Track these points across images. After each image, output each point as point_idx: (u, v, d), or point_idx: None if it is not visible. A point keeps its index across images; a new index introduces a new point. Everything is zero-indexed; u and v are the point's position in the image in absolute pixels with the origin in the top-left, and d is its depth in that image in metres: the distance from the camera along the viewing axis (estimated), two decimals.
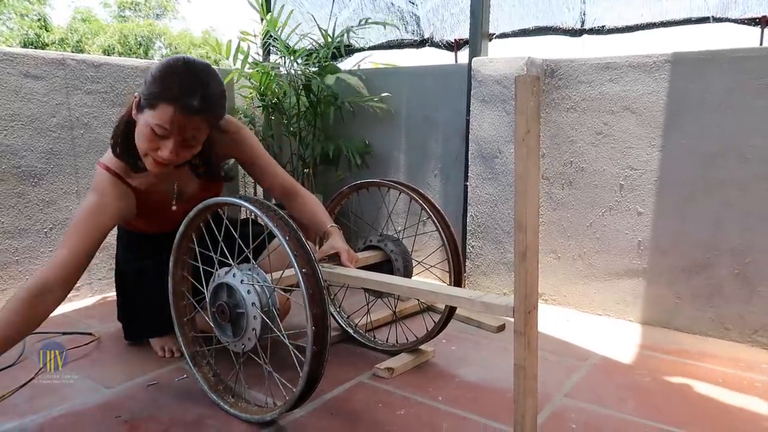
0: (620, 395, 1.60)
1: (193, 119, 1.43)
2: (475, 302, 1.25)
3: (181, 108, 1.41)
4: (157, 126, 1.42)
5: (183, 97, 1.41)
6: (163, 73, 1.43)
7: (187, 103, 1.41)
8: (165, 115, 1.41)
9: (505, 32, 2.59)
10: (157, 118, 1.42)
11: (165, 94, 1.41)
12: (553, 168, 2.32)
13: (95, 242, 1.52)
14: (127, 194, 1.62)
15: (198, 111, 1.43)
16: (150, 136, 1.45)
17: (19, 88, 2.16)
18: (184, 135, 1.45)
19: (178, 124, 1.42)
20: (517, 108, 1.06)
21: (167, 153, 1.46)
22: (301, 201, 1.79)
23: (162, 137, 1.44)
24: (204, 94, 1.43)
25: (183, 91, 1.41)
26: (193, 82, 1.43)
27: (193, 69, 1.45)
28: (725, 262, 1.99)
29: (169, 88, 1.41)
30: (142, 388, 1.62)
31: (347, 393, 1.61)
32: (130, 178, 1.61)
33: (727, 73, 1.94)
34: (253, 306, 1.32)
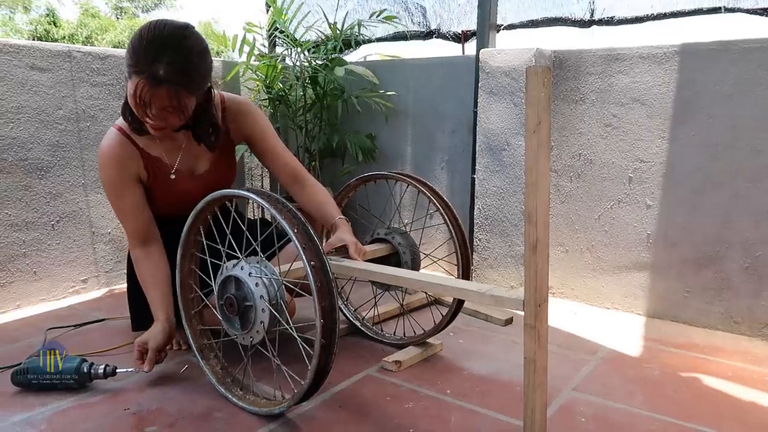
0: (629, 389, 1.60)
1: (161, 89, 1.40)
2: (484, 295, 1.24)
3: (147, 79, 1.38)
4: (132, 97, 1.43)
5: (148, 67, 1.38)
6: (133, 42, 1.42)
7: (152, 73, 1.38)
8: (136, 87, 1.40)
9: (513, 23, 2.57)
10: (131, 89, 1.42)
11: (133, 65, 1.40)
12: (561, 160, 2.30)
13: (139, 212, 1.65)
14: (134, 155, 1.63)
15: (164, 81, 1.39)
16: (135, 106, 1.46)
17: (26, 81, 2.16)
18: (159, 105, 1.43)
19: (149, 95, 1.40)
20: (528, 100, 1.05)
21: (156, 124, 1.48)
22: (310, 190, 1.78)
23: (144, 106, 1.44)
24: (170, 61, 1.38)
25: (148, 61, 1.37)
26: (159, 50, 1.38)
27: (161, 35, 1.40)
28: (735, 255, 1.98)
29: (136, 59, 1.39)
30: (150, 381, 1.62)
31: (355, 386, 1.60)
32: (139, 139, 1.64)
33: (738, 63, 1.91)
34: (261, 299, 1.32)
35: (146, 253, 1.66)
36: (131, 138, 1.63)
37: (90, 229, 2.40)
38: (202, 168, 1.74)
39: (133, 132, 1.62)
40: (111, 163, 1.62)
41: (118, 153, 1.62)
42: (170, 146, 1.69)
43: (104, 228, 2.45)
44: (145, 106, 1.44)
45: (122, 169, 1.62)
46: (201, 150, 1.72)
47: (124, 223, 1.67)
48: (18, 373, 1.53)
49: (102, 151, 1.63)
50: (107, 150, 1.62)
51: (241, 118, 1.74)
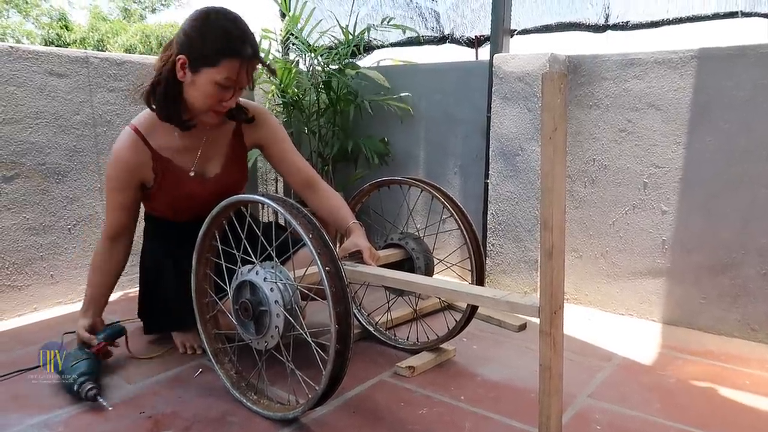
0: (645, 396, 1.58)
1: (252, 64, 1.56)
2: (499, 302, 1.24)
3: (243, 59, 1.51)
4: (225, 80, 1.52)
5: (241, 48, 1.51)
6: (212, 31, 1.51)
7: (246, 53, 1.52)
8: (232, 68, 1.51)
9: (526, 28, 2.57)
10: (224, 72, 1.51)
11: (225, 50, 1.50)
12: (575, 166, 2.29)
13: (126, 212, 1.71)
14: (145, 159, 1.66)
15: (254, 56, 1.55)
16: (215, 91, 1.54)
17: (44, 86, 2.19)
18: (245, 82, 1.57)
19: (243, 73, 1.53)
20: (544, 105, 1.05)
21: (232, 101, 1.58)
22: (323, 195, 1.80)
23: (227, 88, 1.54)
24: (252, 39, 1.55)
25: (239, 44, 1.51)
26: (242, 31, 1.53)
27: (234, 19, 1.54)
28: (752, 262, 1.96)
29: (226, 44, 1.50)
30: (165, 384, 1.63)
31: (369, 391, 1.60)
32: (153, 139, 1.67)
33: (755, 68, 1.90)
34: (276, 304, 1.32)
35: (110, 247, 1.73)
36: (146, 140, 1.66)
37: None
38: (212, 171, 1.75)
39: (146, 131, 1.65)
40: (120, 165, 1.66)
41: (129, 158, 1.65)
42: (186, 146, 1.70)
43: None
44: (233, 87, 1.55)
45: (129, 174, 1.67)
46: (213, 152, 1.74)
47: (107, 213, 1.72)
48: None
49: (115, 152, 1.66)
50: (120, 152, 1.65)
51: (257, 127, 1.78)
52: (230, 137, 1.77)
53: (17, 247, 2.17)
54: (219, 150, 1.75)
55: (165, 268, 1.83)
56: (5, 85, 2.09)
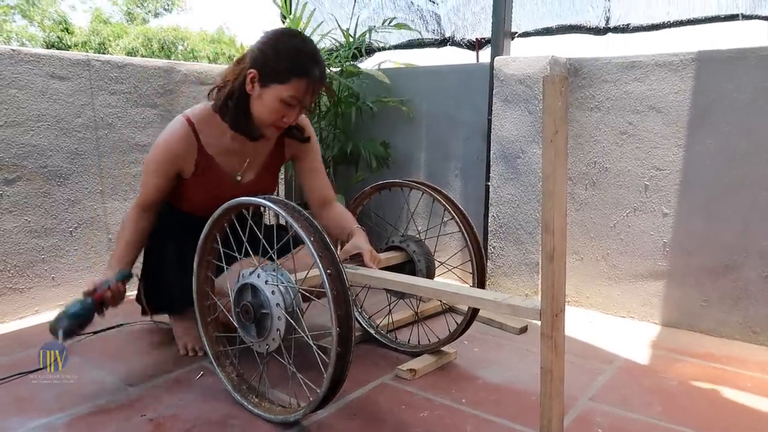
0: (646, 399, 1.58)
1: (318, 86, 1.61)
2: (501, 305, 1.24)
3: (312, 80, 1.57)
4: (291, 98, 1.57)
5: (311, 69, 1.57)
6: (286, 49, 1.57)
7: (315, 74, 1.58)
8: (299, 87, 1.56)
9: (527, 31, 2.58)
10: (292, 90, 1.56)
11: (296, 69, 1.55)
12: (576, 168, 2.29)
13: (159, 192, 1.72)
14: (192, 151, 1.69)
15: (321, 78, 1.61)
16: (279, 107, 1.59)
17: (46, 89, 2.19)
18: (308, 102, 1.63)
19: (310, 94, 1.59)
20: (545, 108, 1.05)
21: (294, 119, 1.63)
22: (332, 209, 1.88)
23: (291, 106, 1.59)
24: (321, 61, 1.60)
25: (310, 65, 1.57)
26: (313, 54, 1.59)
27: (307, 41, 1.62)
28: (753, 264, 1.95)
29: (297, 64, 1.56)
30: (166, 387, 1.63)
31: (370, 394, 1.60)
32: (204, 135, 1.69)
33: (756, 71, 1.90)
34: (277, 306, 1.32)
35: (139, 215, 1.73)
36: (197, 133, 1.69)
37: (107, 236, 2.43)
38: (248, 177, 1.80)
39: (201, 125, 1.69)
40: (166, 153, 1.68)
41: (177, 148, 1.68)
42: (232, 149, 1.74)
43: None
44: (298, 104, 1.60)
45: (172, 163, 1.69)
46: (254, 159, 1.79)
47: (142, 188, 1.73)
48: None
49: (165, 139, 1.68)
50: (170, 141, 1.68)
51: (301, 144, 1.84)
52: (272, 147, 1.82)
53: (18, 250, 2.17)
54: (259, 158, 1.80)
55: (168, 251, 1.82)
56: (7, 88, 2.09)
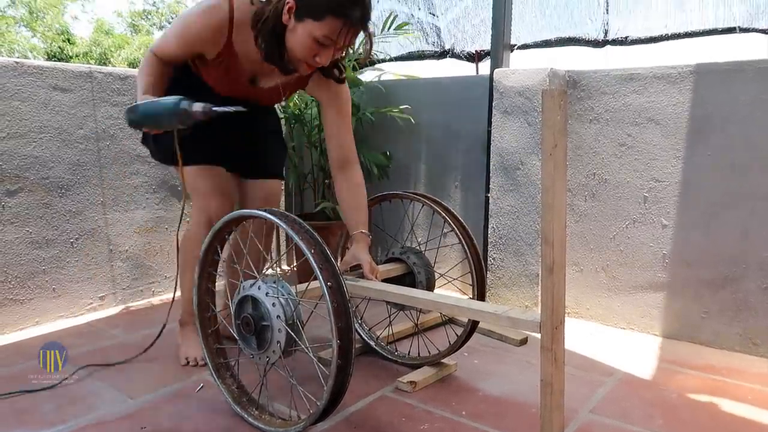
0: (647, 411, 1.58)
1: (357, 29, 1.49)
2: (501, 317, 1.24)
3: (348, 21, 1.45)
4: (324, 37, 1.46)
5: (350, 9, 1.44)
6: None
7: (354, 15, 1.45)
8: (333, 27, 1.45)
9: (526, 43, 2.59)
10: (324, 29, 1.45)
11: (332, 6, 1.43)
12: (575, 179, 2.30)
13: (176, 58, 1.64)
14: (222, 40, 1.59)
15: (362, 21, 1.48)
16: (312, 45, 1.48)
17: (48, 101, 2.21)
18: (345, 43, 1.50)
19: (344, 36, 1.47)
20: (544, 122, 1.06)
21: (326, 60, 1.51)
22: (350, 183, 1.78)
23: (324, 46, 1.48)
24: (364, 5, 1.47)
25: (349, 4, 1.44)
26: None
27: None
28: (753, 276, 1.96)
29: (336, 3, 1.43)
30: (167, 399, 1.63)
31: (370, 406, 1.60)
32: (239, 32, 1.58)
33: (753, 84, 1.91)
34: (278, 319, 1.33)
35: (159, 63, 1.65)
36: (231, 25, 1.58)
37: (108, 247, 2.43)
38: (266, 84, 1.74)
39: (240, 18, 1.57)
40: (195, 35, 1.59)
41: (206, 35, 1.58)
42: (256, 57, 1.63)
43: (122, 245, 2.48)
44: (330, 46, 1.48)
45: (197, 45, 1.61)
46: (277, 74, 1.70)
47: (164, 43, 1.64)
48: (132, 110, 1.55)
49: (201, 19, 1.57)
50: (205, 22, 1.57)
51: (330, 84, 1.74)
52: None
53: (20, 261, 2.18)
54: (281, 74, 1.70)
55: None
56: (10, 99, 2.11)
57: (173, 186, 2.65)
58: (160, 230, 2.62)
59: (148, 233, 2.57)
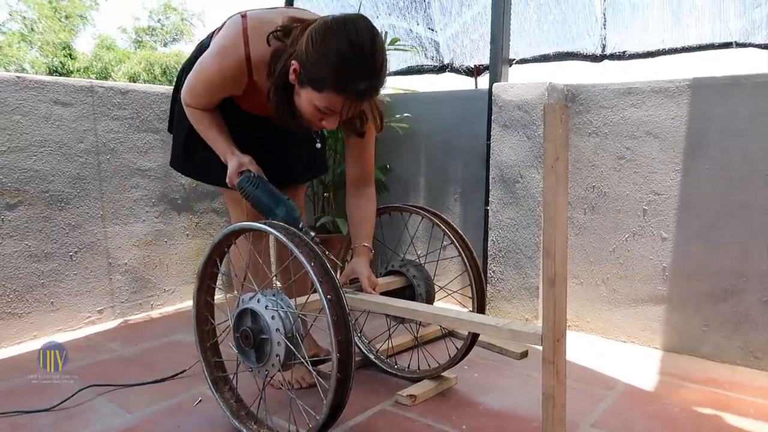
0: (648, 425, 1.57)
1: (356, 105, 1.43)
2: (502, 330, 1.24)
3: (350, 97, 1.38)
4: (325, 108, 1.41)
5: (353, 84, 1.37)
6: (328, 57, 1.34)
7: (356, 90, 1.38)
8: (332, 102, 1.39)
9: (525, 58, 2.61)
10: (324, 102, 1.39)
11: (332, 83, 1.36)
12: (575, 192, 2.30)
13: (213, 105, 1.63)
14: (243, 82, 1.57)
15: (366, 95, 1.41)
16: (315, 113, 1.43)
17: (49, 115, 2.22)
18: (350, 115, 1.45)
19: (347, 109, 1.42)
20: (546, 136, 1.07)
21: (333, 125, 1.47)
22: (361, 200, 1.77)
23: (327, 115, 1.44)
24: (372, 76, 1.38)
25: (351, 80, 1.36)
26: (361, 64, 1.36)
27: (362, 53, 1.35)
28: (753, 289, 1.96)
29: (336, 78, 1.35)
30: (165, 413, 1.62)
31: (370, 420, 1.59)
32: (258, 74, 1.54)
33: (751, 98, 1.92)
34: (277, 332, 1.32)
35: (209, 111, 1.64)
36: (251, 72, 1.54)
37: (107, 260, 2.43)
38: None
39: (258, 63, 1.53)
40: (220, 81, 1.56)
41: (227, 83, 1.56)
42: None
43: (121, 259, 2.48)
44: (331, 115, 1.44)
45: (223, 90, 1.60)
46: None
47: (200, 96, 1.61)
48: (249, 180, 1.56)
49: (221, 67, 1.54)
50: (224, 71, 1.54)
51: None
52: None
53: (18, 275, 2.18)
54: None
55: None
56: (11, 114, 2.12)
57: (173, 199, 2.65)
58: (159, 243, 2.61)
59: (148, 246, 2.57)
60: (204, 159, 1.74)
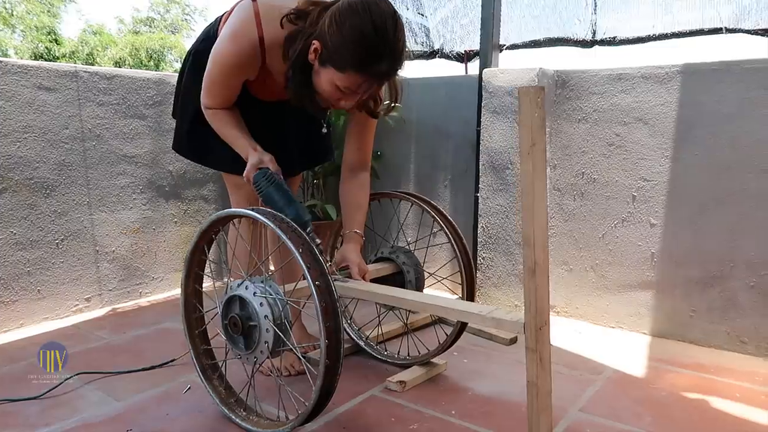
0: (636, 410, 1.58)
1: (382, 82, 1.46)
2: (486, 318, 1.24)
3: (371, 77, 1.40)
4: (345, 87, 1.42)
5: (374, 64, 1.38)
6: (352, 36, 1.35)
7: (378, 71, 1.40)
8: (353, 81, 1.40)
9: (515, 43, 2.59)
10: (345, 81, 1.40)
11: (354, 62, 1.37)
12: (564, 179, 2.30)
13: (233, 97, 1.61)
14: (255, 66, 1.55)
15: (387, 75, 1.44)
16: (334, 92, 1.44)
17: (33, 100, 2.18)
18: (370, 94, 1.48)
19: (367, 88, 1.44)
20: (521, 120, 1.05)
21: (350, 105, 1.49)
22: (354, 185, 1.77)
23: (347, 94, 1.44)
24: (393, 57, 1.40)
25: (373, 59, 1.37)
26: (382, 46, 1.37)
27: (385, 34, 1.36)
28: (740, 275, 1.97)
29: (359, 58, 1.37)
30: (153, 401, 1.61)
31: (359, 407, 1.59)
32: (271, 57, 1.53)
33: (740, 83, 1.92)
34: (265, 319, 1.31)
35: (229, 110, 1.62)
36: (264, 55, 1.53)
37: (94, 248, 2.41)
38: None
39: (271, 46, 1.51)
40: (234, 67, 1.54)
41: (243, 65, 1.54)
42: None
43: (108, 246, 2.45)
44: (352, 95, 1.45)
45: (239, 75, 1.57)
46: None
47: (215, 97, 1.59)
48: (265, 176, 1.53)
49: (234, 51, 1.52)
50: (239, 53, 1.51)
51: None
52: None
53: (3, 263, 2.15)
54: None
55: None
56: None
57: (161, 186, 2.63)
58: (147, 231, 2.59)
59: (135, 234, 2.55)
60: (208, 142, 1.72)
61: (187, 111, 1.75)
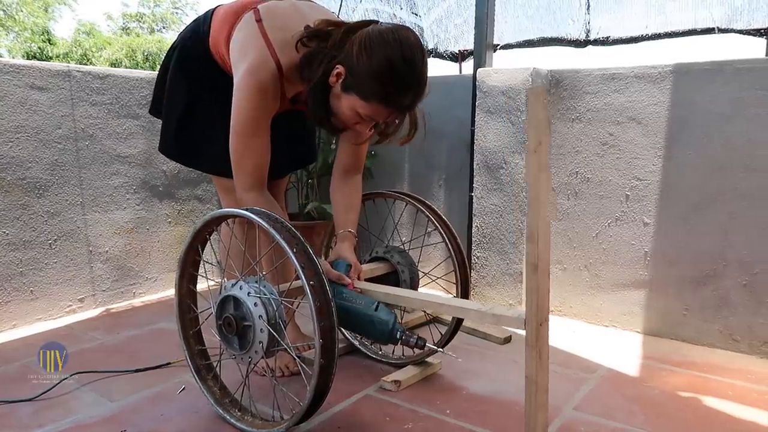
0: (629, 408, 1.59)
1: (404, 114, 1.47)
2: (485, 314, 1.24)
3: (395, 109, 1.42)
4: (366, 116, 1.42)
5: (400, 97, 1.39)
6: (381, 68, 1.34)
7: (402, 104, 1.40)
8: (376, 112, 1.41)
9: (509, 43, 2.60)
10: (368, 111, 1.40)
11: (381, 94, 1.37)
12: (558, 178, 2.31)
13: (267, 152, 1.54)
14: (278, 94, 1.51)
15: (409, 108, 1.44)
16: (354, 117, 1.44)
17: (25, 100, 2.17)
18: (390, 124, 1.49)
19: (386, 117, 1.44)
20: (529, 120, 1.06)
21: (366, 129, 1.49)
22: (346, 188, 1.76)
23: (366, 121, 1.45)
24: (416, 87, 1.40)
25: (399, 93, 1.38)
26: (411, 83, 1.38)
27: (413, 68, 1.37)
28: (733, 273, 1.98)
29: (386, 90, 1.37)
30: (148, 401, 1.60)
31: (354, 406, 1.59)
32: (288, 84, 1.51)
33: (732, 83, 1.93)
34: (260, 319, 1.31)
35: (265, 195, 1.56)
36: (282, 75, 1.49)
37: (87, 248, 2.40)
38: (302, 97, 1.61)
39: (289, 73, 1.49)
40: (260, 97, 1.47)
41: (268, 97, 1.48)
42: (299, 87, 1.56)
43: (102, 246, 2.44)
44: (371, 122, 1.46)
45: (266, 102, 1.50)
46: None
47: (248, 161, 1.51)
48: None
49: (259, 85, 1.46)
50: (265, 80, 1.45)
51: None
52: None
53: None
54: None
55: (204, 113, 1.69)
56: None
57: (154, 186, 2.62)
58: (140, 231, 2.58)
59: (129, 234, 2.54)
60: (196, 143, 1.71)
61: (175, 108, 1.71)
